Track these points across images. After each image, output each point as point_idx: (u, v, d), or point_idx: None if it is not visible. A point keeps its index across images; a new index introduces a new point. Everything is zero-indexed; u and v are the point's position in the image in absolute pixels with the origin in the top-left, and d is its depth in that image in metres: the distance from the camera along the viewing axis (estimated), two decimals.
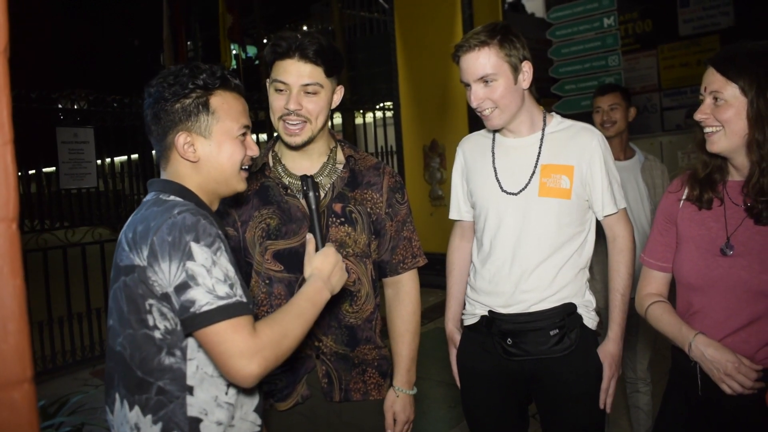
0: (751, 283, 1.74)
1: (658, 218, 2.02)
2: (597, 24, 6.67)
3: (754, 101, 1.70)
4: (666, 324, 1.91)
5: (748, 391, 1.69)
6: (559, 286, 2.17)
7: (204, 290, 1.38)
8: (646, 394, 3.57)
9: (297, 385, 2.01)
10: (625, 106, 3.53)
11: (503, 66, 2.11)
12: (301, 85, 1.95)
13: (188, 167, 1.59)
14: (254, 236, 2.00)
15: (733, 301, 1.77)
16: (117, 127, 6.75)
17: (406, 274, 2.17)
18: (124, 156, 7.31)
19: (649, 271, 2.04)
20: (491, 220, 2.23)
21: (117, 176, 7.02)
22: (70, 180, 6.16)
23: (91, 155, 6.28)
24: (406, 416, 2.13)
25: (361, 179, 2.11)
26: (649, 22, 12.18)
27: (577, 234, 2.20)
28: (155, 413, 1.46)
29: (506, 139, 2.28)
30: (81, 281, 6.10)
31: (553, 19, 6.97)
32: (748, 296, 1.75)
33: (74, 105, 6.46)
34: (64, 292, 6.00)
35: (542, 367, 2.17)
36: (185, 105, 1.55)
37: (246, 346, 1.36)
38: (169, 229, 1.41)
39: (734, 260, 1.78)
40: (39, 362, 5.77)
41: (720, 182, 1.87)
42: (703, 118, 1.79)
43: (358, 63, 13.23)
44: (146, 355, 1.46)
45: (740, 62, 1.73)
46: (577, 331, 2.18)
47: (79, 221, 6.50)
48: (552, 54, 6.98)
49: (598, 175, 2.17)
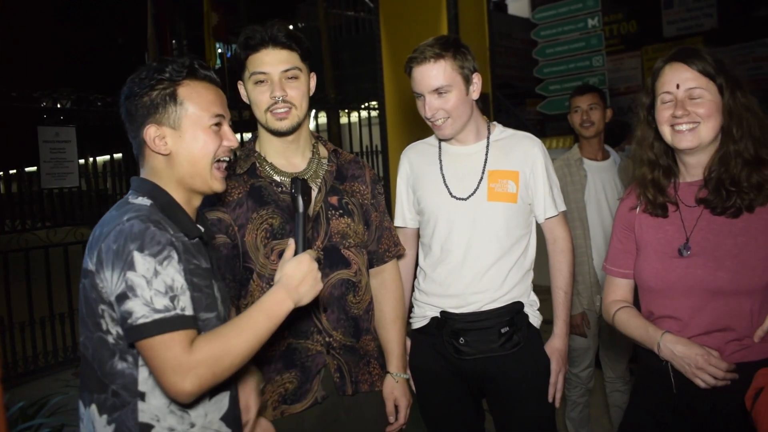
0: (707, 281, 1.78)
1: (616, 227, 2.05)
2: (581, 25, 6.69)
3: (729, 98, 1.77)
4: (633, 328, 1.93)
5: (722, 383, 1.71)
6: (508, 287, 2.26)
7: (141, 302, 1.34)
8: (626, 393, 3.58)
9: (311, 383, 1.99)
10: (603, 106, 3.56)
11: (457, 77, 2.18)
12: (281, 71, 1.96)
13: (162, 162, 1.56)
14: (256, 239, 1.96)
15: (695, 302, 1.80)
16: (100, 127, 6.69)
17: (390, 262, 2.24)
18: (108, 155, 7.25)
19: (613, 279, 2.07)
20: (441, 225, 2.29)
21: (99, 176, 6.96)
22: (52, 179, 6.10)
23: (72, 154, 6.22)
24: (407, 400, 2.17)
25: (346, 172, 2.15)
26: (633, 23, 12.27)
27: (522, 236, 2.29)
28: (110, 414, 1.45)
29: (453, 147, 2.35)
30: (63, 281, 6.04)
31: (537, 19, 6.99)
32: (707, 295, 1.78)
33: (57, 104, 6.40)
34: (46, 292, 5.94)
35: (492, 366, 2.24)
36: (152, 97, 1.54)
37: (178, 362, 1.33)
38: (115, 236, 1.39)
39: (691, 260, 1.81)
40: (20, 363, 5.72)
41: (670, 185, 1.91)
42: (683, 114, 1.81)
43: (344, 62, 13.20)
44: (102, 357, 1.45)
45: (711, 61, 1.79)
46: (524, 329, 2.26)
47: (61, 221, 6.44)
48: (537, 54, 7.00)
49: (540, 179, 2.28)
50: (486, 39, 6.72)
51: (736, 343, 1.77)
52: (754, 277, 1.74)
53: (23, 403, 3.41)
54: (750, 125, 1.77)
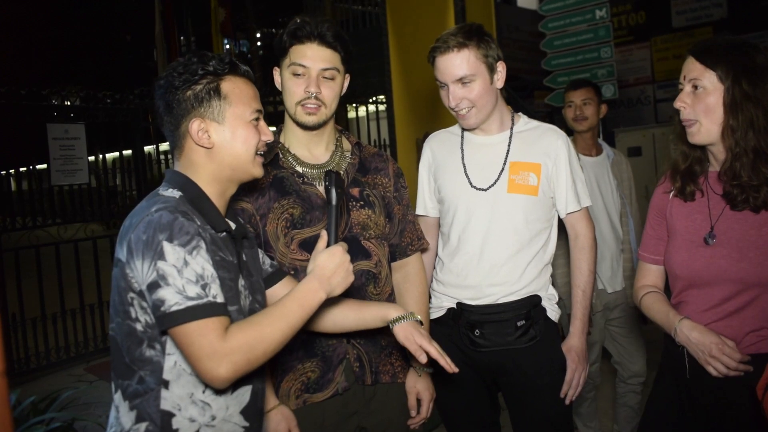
0: (730, 271, 1.77)
1: (651, 213, 2.06)
2: (589, 16, 6.66)
3: (730, 89, 1.74)
4: (656, 312, 1.96)
5: (734, 373, 1.72)
6: (527, 281, 2.23)
7: (173, 290, 1.36)
8: (640, 394, 3.57)
9: (334, 373, 2.00)
10: (597, 101, 3.55)
11: (481, 67, 2.15)
12: (320, 69, 1.98)
13: (203, 155, 1.57)
14: (277, 228, 1.98)
15: (717, 290, 1.80)
16: (109, 123, 6.71)
17: (413, 256, 2.22)
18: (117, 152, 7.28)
19: (644, 265, 2.09)
20: (460, 215, 2.28)
21: (109, 172, 6.99)
22: (62, 176, 6.13)
23: (82, 151, 6.25)
24: (430, 394, 2.16)
25: (369, 165, 2.16)
26: (642, 14, 12.19)
27: (543, 230, 2.26)
28: (132, 400, 1.47)
29: (475, 137, 2.33)
30: (74, 277, 6.08)
31: (545, 11, 6.96)
32: (730, 285, 1.78)
33: (65, 101, 6.42)
34: (57, 288, 5.98)
35: (508, 359, 2.22)
36: (196, 91, 1.55)
37: (213, 349, 1.35)
38: (144, 227, 1.41)
39: (715, 250, 1.81)
40: (33, 359, 5.76)
41: (701, 174, 1.90)
42: (681, 106, 1.82)
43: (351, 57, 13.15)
44: (131, 344, 1.46)
45: (718, 52, 1.77)
46: (541, 323, 2.24)
47: (71, 218, 6.47)
48: (544, 46, 6.98)
49: (563, 173, 2.25)
50: (493, 31, 6.70)
51: (754, 334, 1.76)
52: None
53: (35, 398, 3.44)
54: (753, 116, 1.72)
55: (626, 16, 12.25)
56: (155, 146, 7.66)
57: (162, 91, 1.57)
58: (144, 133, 7.38)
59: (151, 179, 7.14)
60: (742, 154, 1.74)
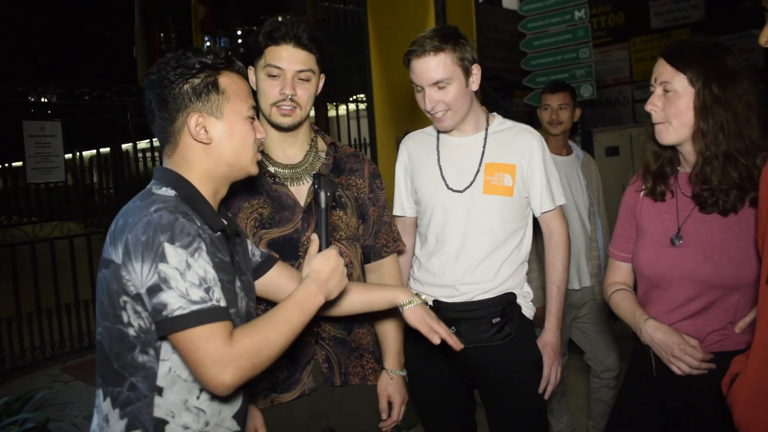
0: (694, 272, 1.80)
1: (622, 211, 2.08)
2: (568, 17, 6.69)
3: (701, 92, 1.74)
4: (623, 310, 1.99)
5: (696, 372, 1.76)
6: (502, 279, 2.27)
7: (176, 294, 1.31)
8: (614, 389, 3.60)
9: (301, 373, 1.99)
10: (573, 106, 3.60)
11: (456, 70, 2.17)
12: (296, 70, 1.97)
13: (199, 151, 1.52)
14: (246, 227, 1.98)
15: (681, 291, 1.83)
16: (87, 121, 6.64)
17: (389, 257, 2.22)
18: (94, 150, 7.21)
19: (615, 262, 2.12)
20: (437, 216, 2.30)
21: (86, 170, 6.91)
22: (38, 174, 6.04)
23: (58, 149, 6.15)
24: (402, 397, 2.16)
25: (343, 166, 2.15)
26: (621, 15, 12.29)
27: (518, 229, 2.30)
28: (123, 408, 1.42)
29: (451, 138, 2.34)
30: (50, 277, 6.01)
31: (525, 11, 6.99)
32: (694, 285, 1.81)
33: (42, 98, 6.35)
34: (33, 287, 5.91)
35: (484, 356, 2.25)
36: (194, 85, 1.49)
37: (219, 355, 1.30)
38: (144, 227, 1.35)
39: (681, 250, 1.83)
40: (8, 359, 5.68)
41: (671, 175, 1.92)
42: (652, 110, 1.84)
43: (332, 55, 13.15)
44: (121, 349, 1.41)
45: (690, 54, 1.78)
46: (516, 320, 2.27)
47: (47, 216, 6.39)
48: (524, 46, 7.00)
49: (538, 173, 2.28)
50: (474, 31, 6.72)
51: (717, 333, 1.79)
52: (740, 273, 1.75)
53: (8, 398, 3.40)
54: (724, 120, 1.73)
55: (605, 17, 12.35)
56: (133, 144, 7.59)
57: (155, 85, 1.51)
58: (122, 130, 7.30)
59: (129, 177, 7.07)
60: (712, 158, 1.75)
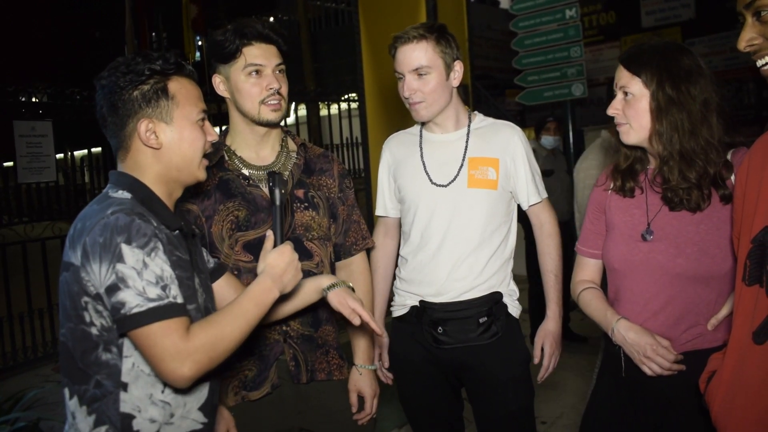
0: (667, 266, 1.81)
1: (590, 208, 2.09)
2: (559, 15, 6.72)
3: (655, 94, 1.77)
4: (593, 309, 1.99)
5: (667, 372, 1.77)
6: (487, 275, 2.27)
7: (134, 292, 1.36)
8: None
9: (269, 371, 2.02)
10: None
11: (438, 61, 2.21)
12: (275, 65, 2.02)
13: (149, 156, 1.56)
14: (222, 230, 2.00)
15: (653, 285, 1.84)
16: (78, 121, 6.62)
17: (358, 255, 2.25)
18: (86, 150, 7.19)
19: (582, 259, 2.12)
20: (422, 212, 2.31)
21: (77, 170, 6.89)
22: (29, 174, 6.02)
23: (49, 149, 6.13)
24: (373, 390, 2.18)
25: (314, 166, 2.18)
26: (612, 13, 12.36)
27: (502, 224, 2.31)
28: (90, 405, 1.46)
29: (433, 135, 2.37)
30: (42, 277, 5.98)
31: (516, 10, 7.01)
32: (666, 279, 1.82)
33: (33, 98, 6.32)
34: (24, 288, 5.88)
35: (471, 355, 2.25)
36: (144, 91, 1.53)
37: (177, 349, 1.36)
38: (101, 230, 1.40)
39: (653, 245, 1.84)
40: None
41: (642, 172, 1.93)
42: (613, 113, 1.87)
43: (323, 54, 13.14)
44: (85, 348, 1.45)
45: (643, 58, 1.80)
46: (503, 319, 2.28)
47: (38, 216, 6.37)
48: (515, 45, 7.03)
49: (522, 167, 2.30)
50: (465, 30, 6.74)
51: (691, 331, 1.80)
52: (713, 266, 1.76)
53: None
54: (678, 120, 1.75)
55: (596, 16, 12.42)
56: None
57: (105, 90, 1.55)
58: None
59: None
60: (669, 158, 1.78)
